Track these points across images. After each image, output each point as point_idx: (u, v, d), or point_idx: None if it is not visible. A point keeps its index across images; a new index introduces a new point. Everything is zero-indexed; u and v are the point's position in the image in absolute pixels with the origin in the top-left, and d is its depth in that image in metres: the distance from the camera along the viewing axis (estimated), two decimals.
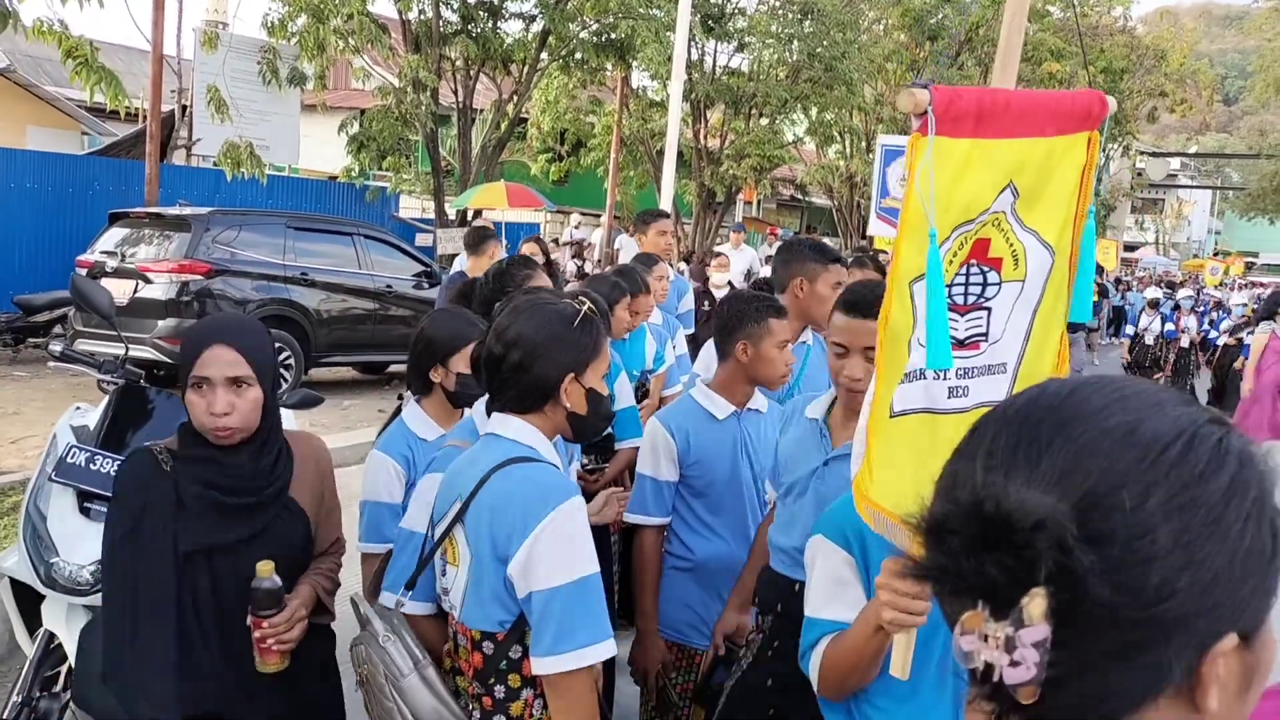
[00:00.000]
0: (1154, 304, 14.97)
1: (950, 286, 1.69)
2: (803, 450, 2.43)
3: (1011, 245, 1.72)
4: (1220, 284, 26.92)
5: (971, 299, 1.73)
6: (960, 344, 1.73)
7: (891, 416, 1.71)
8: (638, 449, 3.03)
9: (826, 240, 5.99)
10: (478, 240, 6.38)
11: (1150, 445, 0.69)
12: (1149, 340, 14.54)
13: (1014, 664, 0.67)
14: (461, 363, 2.88)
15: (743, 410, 2.89)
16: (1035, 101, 1.70)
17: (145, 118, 12.05)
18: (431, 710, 1.94)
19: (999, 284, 1.73)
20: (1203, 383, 14.44)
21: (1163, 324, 14.50)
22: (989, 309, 1.74)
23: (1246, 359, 10.74)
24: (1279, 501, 0.73)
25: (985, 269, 1.72)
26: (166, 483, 2.20)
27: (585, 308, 2.04)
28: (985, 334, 1.75)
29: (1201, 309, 15.73)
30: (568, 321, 2.02)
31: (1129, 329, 15.15)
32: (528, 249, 5.68)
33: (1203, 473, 0.69)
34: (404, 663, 1.98)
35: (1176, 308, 14.82)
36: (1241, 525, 0.69)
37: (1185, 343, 14.27)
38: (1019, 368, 1.78)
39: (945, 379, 1.72)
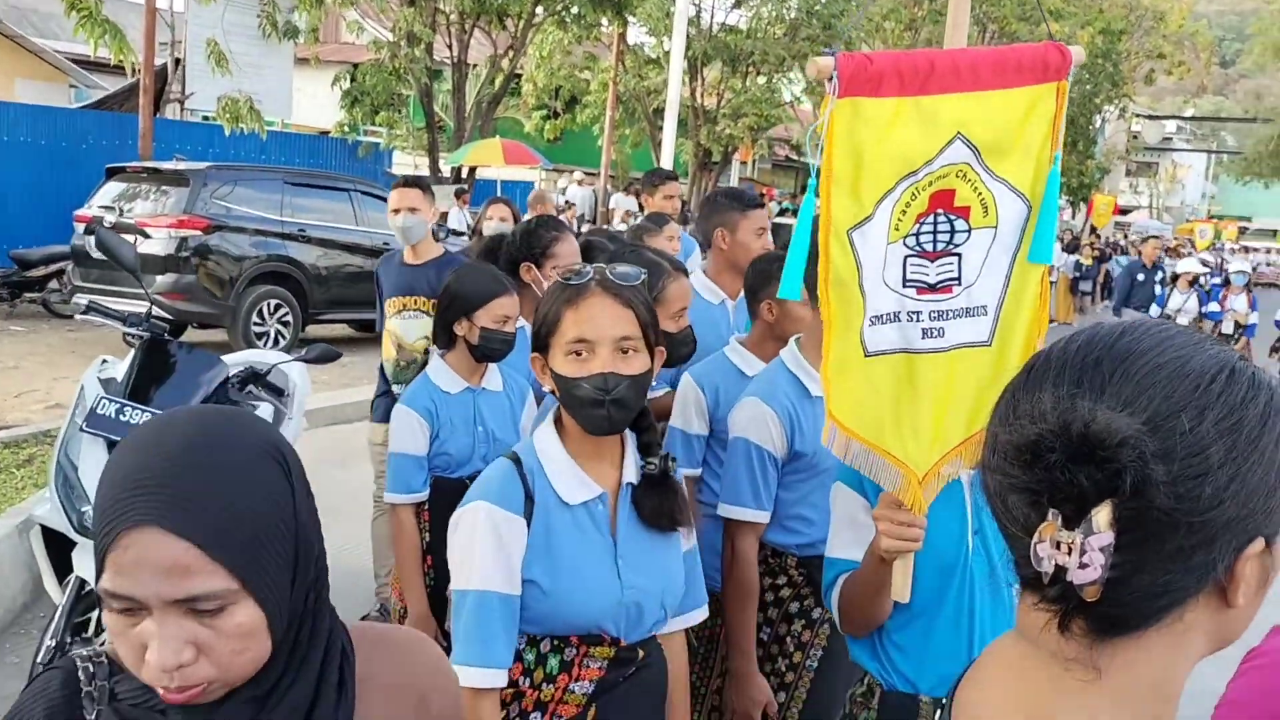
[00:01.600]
0: (1192, 280, 12.48)
1: (918, 235, 1.82)
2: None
3: (980, 194, 1.82)
4: (1211, 246, 26.97)
5: (940, 246, 1.83)
6: (932, 288, 1.84)
7: (866, 356, 1.83)
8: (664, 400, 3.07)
9: None
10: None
11: (1200, 376, 0.79)
12: (1184, 322, 12.00)
13: (1083, 566, 0.76)
14: (487, 317, 2.91)
15: None
16: (976, 58, 1.80)
17: (137, 71, 11.94)
18: None
19: (968, 231, 1.83)
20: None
21: (1201, 304, 12.28)
22: (959, 254, 1.84)
23: None
24: None
25: (953, 217, 1.83)
26: None
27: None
28: (958, 278, 1.85)
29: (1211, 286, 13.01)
30: None
31: (1155, 310, 12.56)
32: (495, 211, 5.42)
33: (1244, 399, 0.79)
34: None
35: (1227, 282, 12.60)
36: (1275, 444, 0.79)
37: (1229, 327, 12.07)
38: (999, 310, 1.88)
39: (919, 320, 1.83)
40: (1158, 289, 13.07)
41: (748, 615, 2.56)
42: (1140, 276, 13.32)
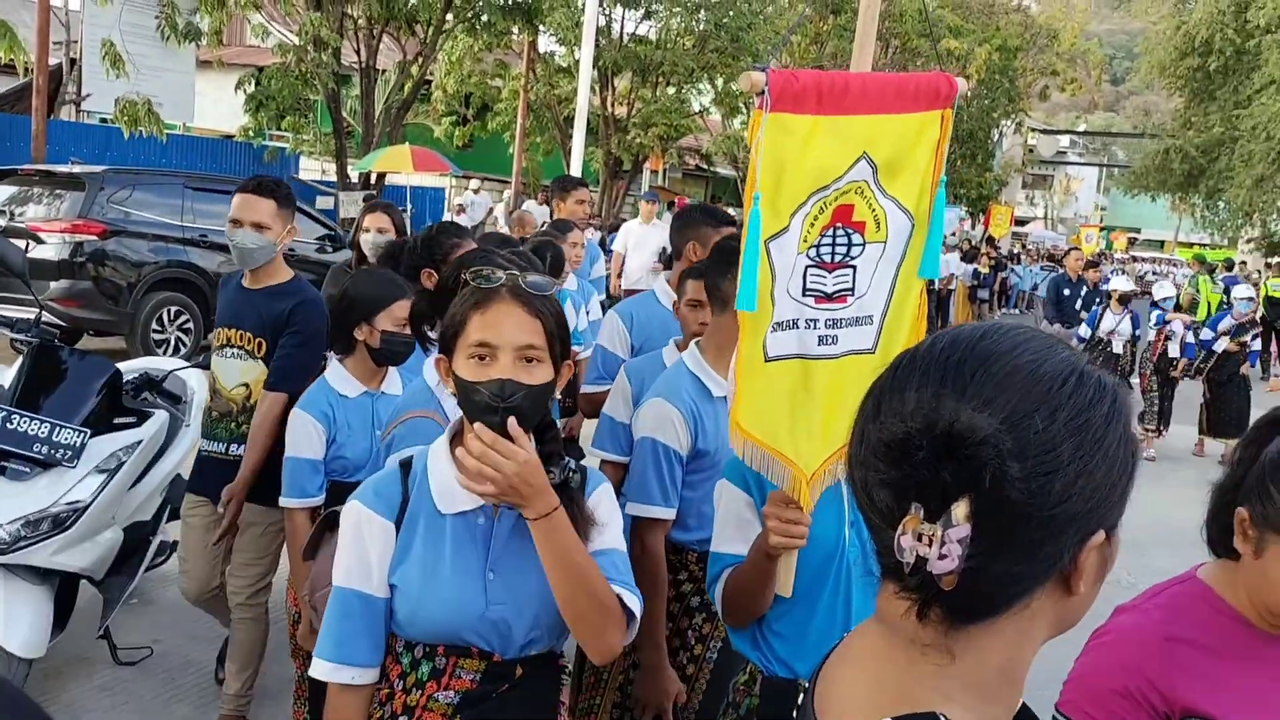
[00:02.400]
0: (1124, 299, 11.12)
1: (819, 246, 1.94)
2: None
3: (874, 210, 1.96)
4: (1097, 252, 27.95)
5: (838, 258, 1.97)
6: (829, 297, 1.97)
7: (766, 361, 1.93)
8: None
9: (730, 210, 6.14)
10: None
11: (1053, 379, 0.85)
12: (1117, 347, 11.09)
13: (942, 556, 0.82)
14: (388, 320, 2.95)
15: None
16: (882, 82, 1.93)
17: (29, 71, 11.58)
18: None
19: (863, 245, 1.97)
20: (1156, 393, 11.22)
21: (1134, 325, 11.19)
22: (854, 267, 1.98)
23: (1254, 365, 9.47)
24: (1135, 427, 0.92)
25: (850, 231, 1.96)
26: None
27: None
28: (851, 289, 1.99)
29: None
30: None
31: (1083, 330, 11.35)
32: (372, 221, 4.60)
33: (1091, 400, 0.85)
34: None
35: (1154, 305, 11.55)
36: (1117, 443, 0.86)
37: (1119, 346, 11.08)
38: (884, 320, 2.03)
39: (815, 328, 1.96)
40: (1081, 305, 12.06)
41: (658, 608, 2.60)
42: (1066, 291, 12.38)
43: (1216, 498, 1.62)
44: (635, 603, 1.82)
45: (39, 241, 9.26)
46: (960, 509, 0.81)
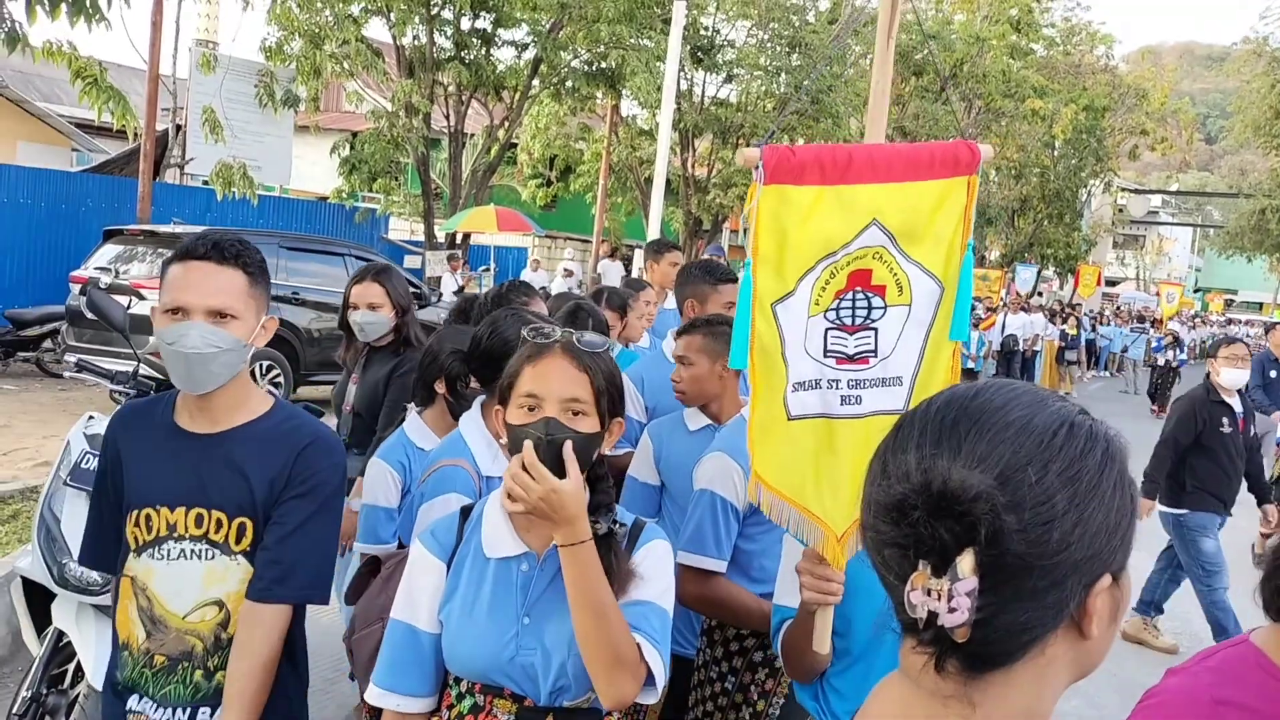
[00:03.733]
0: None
1: (838, 310, 2.02)
2: None
3: (895, 274, 2.01)
4: (1177, 314, 27.23)
5: (858, 320, 2.02)
6: (850, 358, 2.02)
7: (790, 419, 1.99)
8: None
9: None
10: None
11: (1044, 432, 0.88)
12: None
13: (951, 610, 0.84)
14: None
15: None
16: (890, 153, 2.01)
17: (139, 136, 12.21)
18: None
19: (884, 308, 2.03)
20: None
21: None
22: (875, 329, 2.03)
23: None
24: (1131, 470, 0.94)
25: (870, 295, 2.02)
26: None
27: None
28: (874, 350, 2.03)
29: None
30: None
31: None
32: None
33: (1083, 451, 0.88)
34: None
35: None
36: (1112, 489, 0.88)
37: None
38: (915, 381, 2.06)
39: (838, 388, 2.01)
40: None
41: (742, 600, 2.63)
42: (1274, 374, 10.75)
43: (1272, 560, 1.59)
44: (657, 660, 1.82)
45: (141, 298, 9.68)
46: (966, 563, 0.84)
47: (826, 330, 2.00)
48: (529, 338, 1.90)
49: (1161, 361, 19.98)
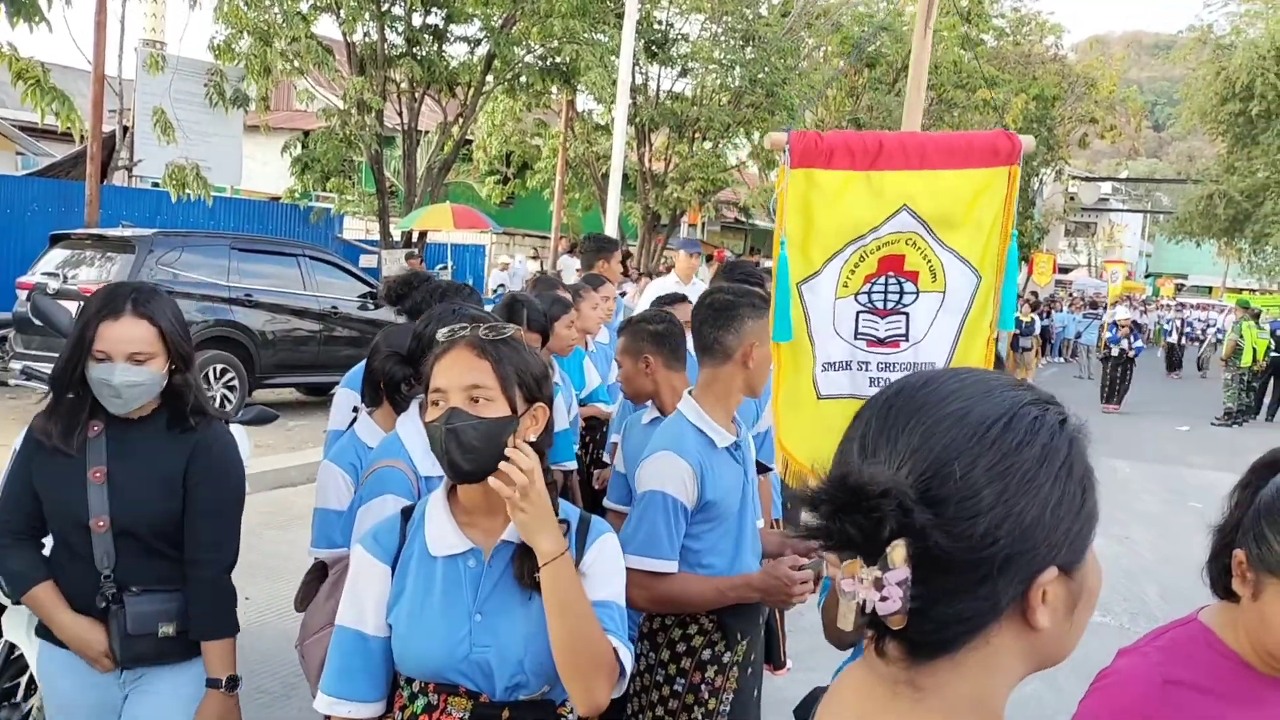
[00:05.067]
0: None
1: (870, 293, 2.05)
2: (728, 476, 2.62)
3: (929, 261, 2.02)
4: (1125, 295, 27.67)
5: (890, 304, 2.04)
6: (881, 342, 2.05)
7: (820, 398, 2.02)
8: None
9: (768, 261, 6.13)
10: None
11: (978, 425, 0.88)
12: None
13: (883, 599, 0.85)
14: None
15: None
16: (923, 141, 2.02)
17: (85, 138, 12.00)
18: None
19: (916, 293, 2.06)
20: None
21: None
22: (907, 314, 2.07)
23: None
24: (1090, 460, 0.92)
25: (902, 280, 2.03)
26: None
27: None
28: (905, 334, 2.08)
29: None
30: None
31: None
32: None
33: (1019, 444, 0.87)
34: None
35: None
36: (1052, 483, 0.87)
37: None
38: (948, 366, 2.08)
39: (867, 370, 2.03)
40: None
41: (697, 589, 2.59)
42: None
43: (1216, 538, 1.62)
44: (628, 657, 1.85)
45: None
46: (897, 553, 0.84)
47: (858, 313, 2.04)
48: (442, 338, 1.90)
49: (1116, 351, 18.29)
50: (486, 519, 1.89)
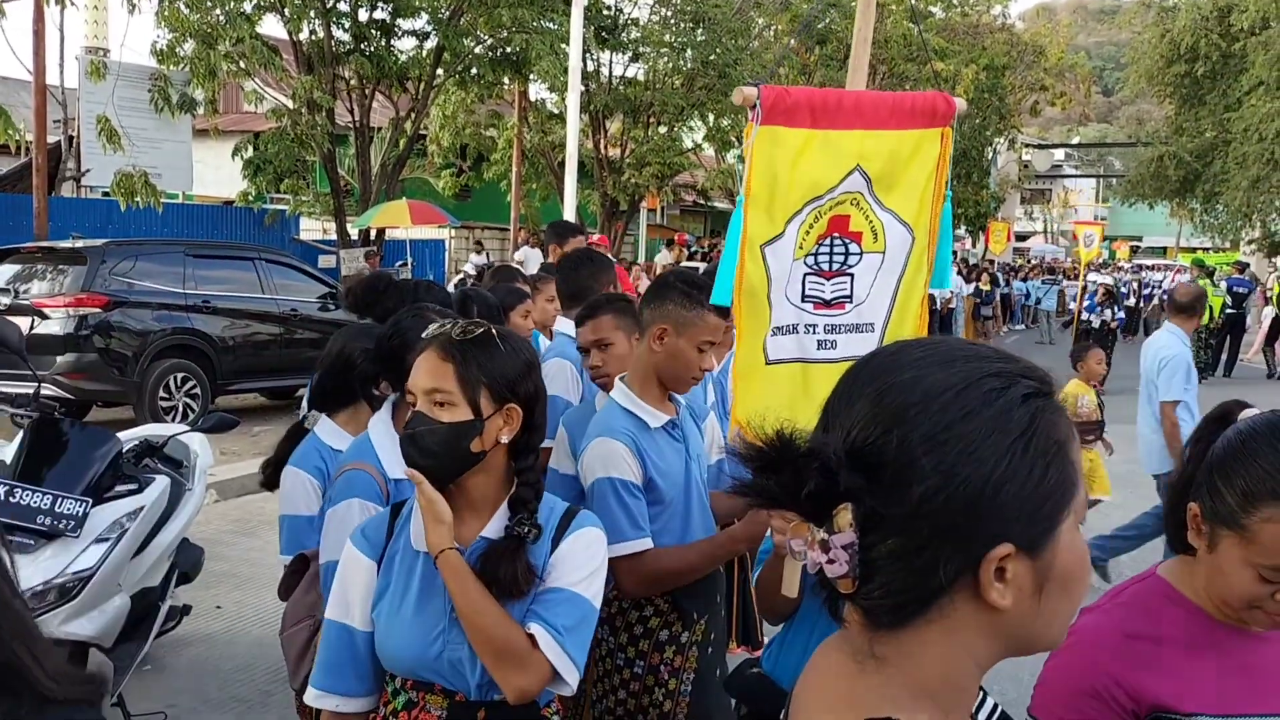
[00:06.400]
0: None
1: (816, 255, 2.05)
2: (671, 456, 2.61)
3: (870, 222, 2.04)
4: (1096, 259, 27.94)
5: (835, 266, 2.05)
6: (827, 304, 2.07)
7: (768, 363, 2.03)
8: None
9: None
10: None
11: (926, 394, 0.88)
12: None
13: (830, 561, 0.86)
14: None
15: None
16: (876, 100, 2.03)
17: (28, 150, 11.79)
18: None
19: (860, 254, 2.08)
20: None
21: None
22: (851, 275, 2.09)
23: None
24: (1063, 436, 0.90)
25: (847, 241, 2.05)
26: None
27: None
28: (850, 296, 2.09)
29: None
30: None
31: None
32: None
33: (965, 415, 0.86)
34: None
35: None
36: (1000, 456, 0.85)
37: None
38: (885, 327, 2.12)
39: (814, 333, 2.04)
40: None
41: (680, 556, 2.56)
42: None
43: (1171, 493, 1.65)
44: (555, 650, 1.81)
45: (44, 317, 9.39)
46: (843, 517, 0.85)
47: (805, 275, 2.03)
48: (429, 335, 1.92)
49: (1096, 323, 16.49)
50: (471, 516, 1.90)
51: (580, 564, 1.92)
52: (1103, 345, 16.71)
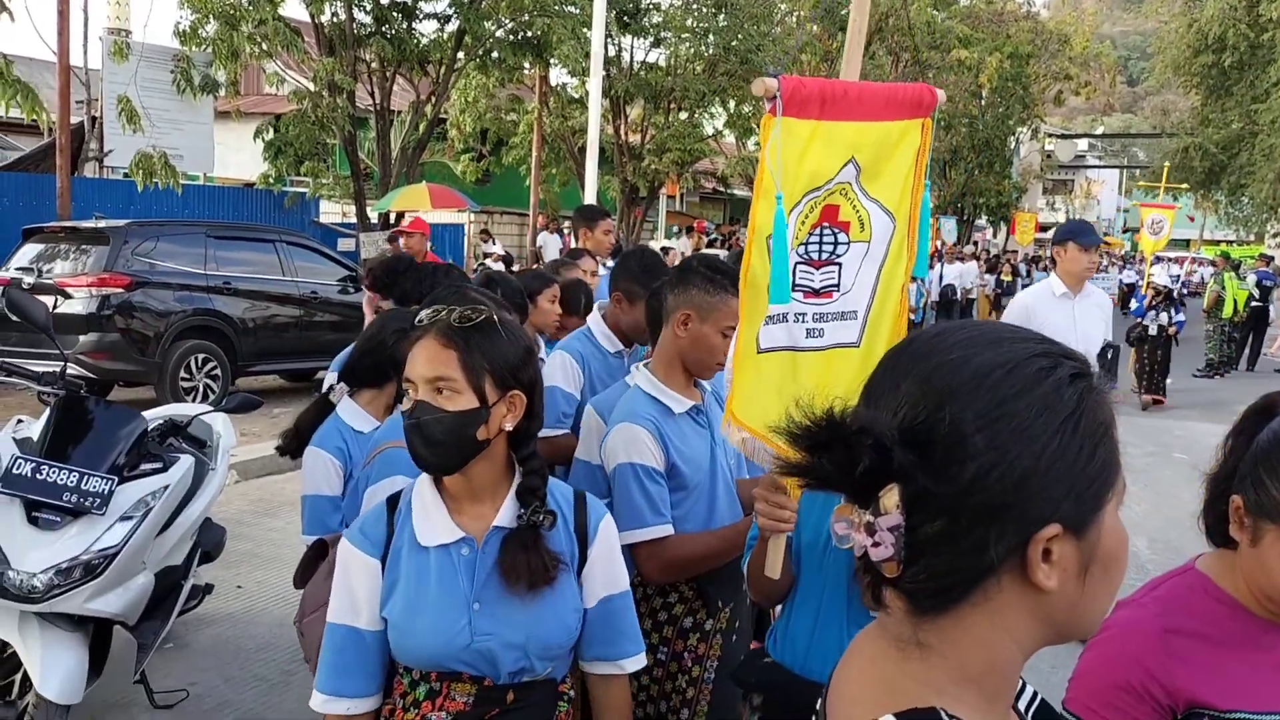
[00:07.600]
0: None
1: (806, 244, 2.06)
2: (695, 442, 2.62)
3: (858, 211, 2.09)
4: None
5: (825, 255, 2.11)
6: (816, 293, 2.10)
7: (759, 352, 2.05)
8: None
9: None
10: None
11: (976, 373, 0.87)
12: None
13: (875, 544, 0.85)
14: None
15: None
16: (871, 91, 2.06)
17: (53, 130, 11.83)
18: None
19: (848, 244, 2.10)
20: None
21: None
22: (840, 264, 2.11)
23: None
24: (1109, 417, 0.89)
25: (836, 230, 2.11)
26: None
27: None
28: (837, 285, 2.11)
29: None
30: None
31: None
32: None
33: (1017, 393, 0.86)
34: None
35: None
36: (1050, 435, 0.85)
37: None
38: (867, 315, 2.14)
39: (804, 321, 2.08)
40: None
41: (703, 541, 2.58)
42: None
43: (1211, 486, 1.62)
44: (639, 660, 2.00)
45: (67, 296, 9.44)
46: (889, 498, 0.84)
47: (796, 265, 2.05)
48: (423, 320, 1.86)
49: (1154, 330, 13.63)
50: (474, 505, 1.88)
51: (617, 558, 1.98)
52: (1160, 352, 13.76)
